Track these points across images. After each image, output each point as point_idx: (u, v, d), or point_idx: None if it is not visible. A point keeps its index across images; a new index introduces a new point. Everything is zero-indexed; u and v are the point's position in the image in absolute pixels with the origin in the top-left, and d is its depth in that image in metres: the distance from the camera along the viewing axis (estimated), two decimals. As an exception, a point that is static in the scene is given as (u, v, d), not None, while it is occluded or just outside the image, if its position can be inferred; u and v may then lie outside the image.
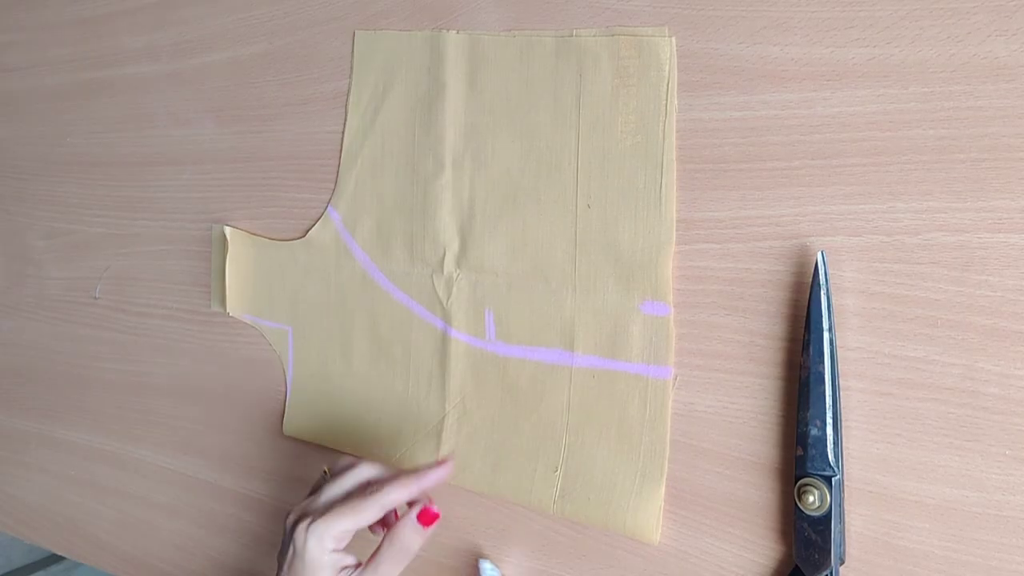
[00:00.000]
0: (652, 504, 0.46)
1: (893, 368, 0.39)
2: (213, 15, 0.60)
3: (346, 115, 0.54)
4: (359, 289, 0.55)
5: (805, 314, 0.40)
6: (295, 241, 0.57)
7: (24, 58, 0.72)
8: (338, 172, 0.55)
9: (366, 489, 0.46)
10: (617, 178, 0.45)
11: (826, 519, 0.39)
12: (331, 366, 0.57)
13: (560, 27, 0.46)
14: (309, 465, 0.59)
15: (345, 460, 0.49)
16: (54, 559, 1.31)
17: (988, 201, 0.37)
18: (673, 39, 0.43)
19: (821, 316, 0.39)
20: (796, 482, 0.40)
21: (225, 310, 0.61)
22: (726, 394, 0.43)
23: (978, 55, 0.36)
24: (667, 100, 0.43)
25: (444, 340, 0.52)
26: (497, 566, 0.51)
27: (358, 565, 0.45)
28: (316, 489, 0.47)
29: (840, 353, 0.40)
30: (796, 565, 0.41)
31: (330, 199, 0.56)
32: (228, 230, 0.60)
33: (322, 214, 0.56)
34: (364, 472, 0.47)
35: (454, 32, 0.50)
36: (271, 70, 0.58)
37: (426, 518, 0.46)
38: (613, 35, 0.45)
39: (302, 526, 0.44)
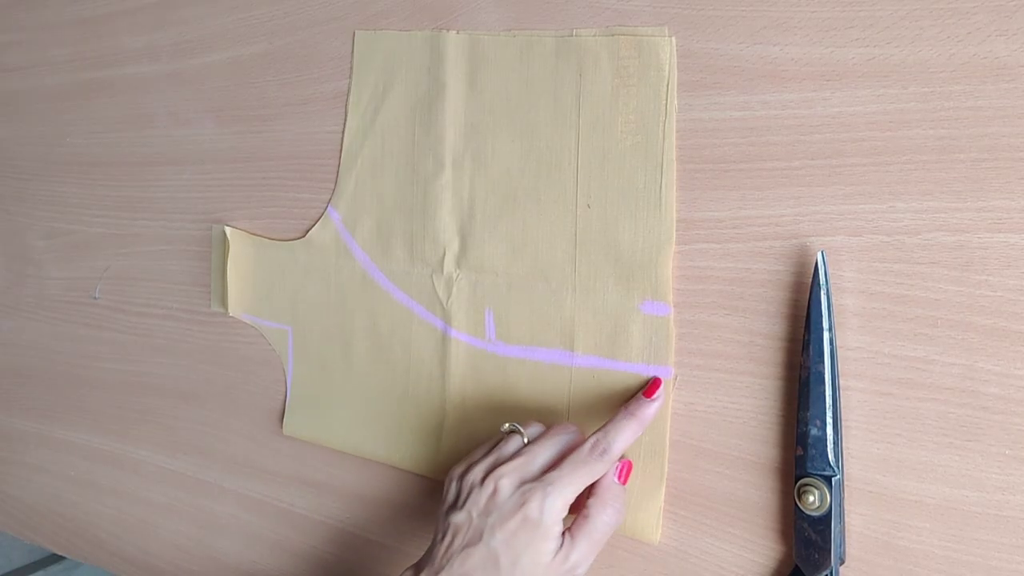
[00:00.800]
0: (652, 504, 0.46)
1: (893, 368, 0.39)
2: (213, 15, 0.60)
3: (346, 115, 0.54)
4: (359, 289, 0.55)
5: (805, 314, 0.40)
6: (295, 241, 0.57)
7: (24, 58, 0.72)
8: (338, 172, 0.55)
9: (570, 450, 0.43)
10: (617, 178, 0.45)
11: (826, 519, 0.39)
12: (331, 366, 0.57)
13: (560, 27, 0.46)
14: (309, 465, 0.59)
15: (537, 424, 0.46)
16: (54, 559, 1.31)
17: (988, 201, 0.37)
18: (673, 39, 0.43)
19: (821, 316, 0.39)
20: (796, 482, 0.40)
21: (225, 310, 0.61)
22: (726, 394, 0.43)
23: (978, 55, 0.36)
24: (667, 100, 0.43)
25: (444, 340, 0.52)
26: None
27: (564, 533, 0.42)
28: (515, 452, 0.44)
29: (840, 353, 0.40)
30: (796, 565, 0.41)
31: (330, 199, 0.56)
32: (228, 230, 0.60)
33: (322, 214, 0.56)
34: (567, 435, 0.44)
35: (454, 32, 0.50)
36: (271, 70, 0.58)
37: (625, 474, 0.44)
38: (613, 35, 0.45)
39: (537, 494, 0.41)
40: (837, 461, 0.40)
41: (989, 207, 0.37)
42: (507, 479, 0.42)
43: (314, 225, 0.56)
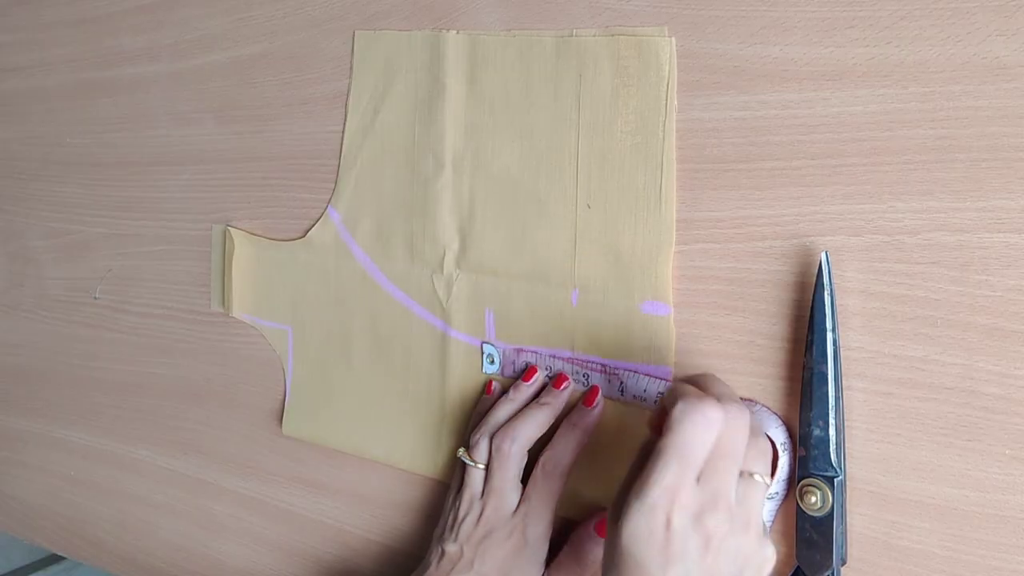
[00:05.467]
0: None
1: (893, 368, 0.39)
2: (213, 15, 0.60)
3: (346, 115, 0.54)
4: (359, 289, 0.55)
5: (806, 314, 0.40)
6: (295, 241, 0.57)
7: (24, 58, 0.72)
8: (338, 172, 0.55)
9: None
10: (617, 178, 0.45)
11: (828, 520, 0.39)
12: (331, 366, 0.57)
13: (560, 27, 0.46)
14: (309, 465, 0.59)
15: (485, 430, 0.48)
16: (54, 559, 1.31)
17: (988, 201, 0.37)
18: (673, 39, 0.43)
19: (825, 316, 0.39)
20: (798, 482, 0.40)
21: (226, 310, 0.61)
22: (726, 394, 0.43)
23: (978, 55, 0.36)
24: (667, 100, 0.43)
25: (444, 340, 0.52)
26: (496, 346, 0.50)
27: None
28: (483, 486, 0.47)
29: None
30: (797, 566, 0.41)
31: (330, 199, 0.56)
32: (229, 230, 0.60)
33: (322, 214, 0.56)
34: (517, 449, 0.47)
35: (454, 32, 0.50)
36: (271, 70, 0.58)
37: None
38: (613, 35, 0.45)
39: (518, 529, 0.45)
40: (839, 462, 0.39)
41: (989, 207, 0.37)
42: (491, 512, 0.46)
43: (314, 225, 0.56)
